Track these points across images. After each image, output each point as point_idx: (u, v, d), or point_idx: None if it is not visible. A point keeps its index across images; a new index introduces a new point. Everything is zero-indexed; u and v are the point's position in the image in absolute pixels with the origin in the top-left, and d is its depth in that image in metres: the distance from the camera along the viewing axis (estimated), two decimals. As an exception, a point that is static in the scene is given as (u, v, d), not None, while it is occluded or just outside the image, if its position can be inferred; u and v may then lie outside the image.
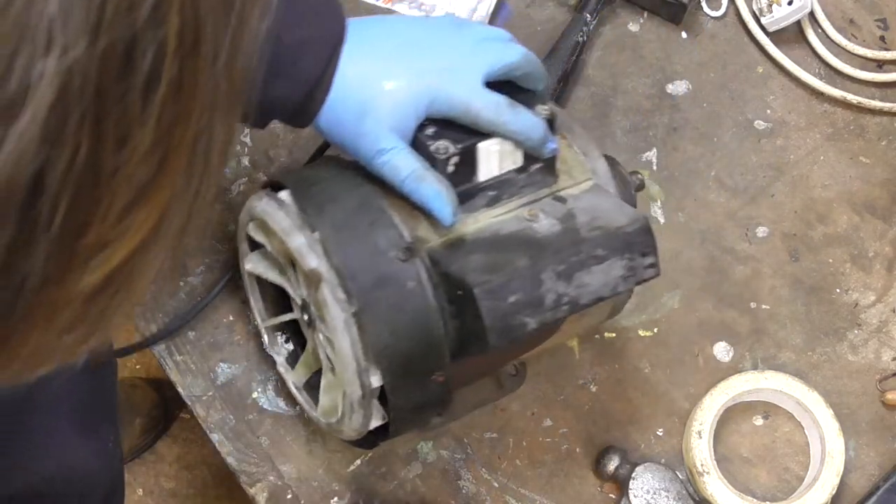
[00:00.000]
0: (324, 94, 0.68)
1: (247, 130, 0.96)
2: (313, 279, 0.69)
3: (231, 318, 0.89)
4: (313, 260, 0.69)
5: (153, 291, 0.91)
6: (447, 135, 0.70)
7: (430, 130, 0.70)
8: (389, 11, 1.00)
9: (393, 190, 0.71)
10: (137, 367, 1.54)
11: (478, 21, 0.73)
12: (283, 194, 0.73)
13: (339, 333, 0.69)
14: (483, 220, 0.72)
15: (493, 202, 0.72)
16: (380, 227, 0.70)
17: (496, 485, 0.86)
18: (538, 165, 0.73)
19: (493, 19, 1.00)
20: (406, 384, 0.71)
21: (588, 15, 0.97)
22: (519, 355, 0.79)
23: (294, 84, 0.68)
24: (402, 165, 0.68)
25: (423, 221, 0.71)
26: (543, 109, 0.73)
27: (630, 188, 0.80)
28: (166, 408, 1.48)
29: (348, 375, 0.70)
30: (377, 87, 0.68)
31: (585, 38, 0.97)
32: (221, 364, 0.88)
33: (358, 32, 0.69)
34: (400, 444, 0.86)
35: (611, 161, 0.79)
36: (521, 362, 0.87)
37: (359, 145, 0.69)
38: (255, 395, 0.88)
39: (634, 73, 0.99)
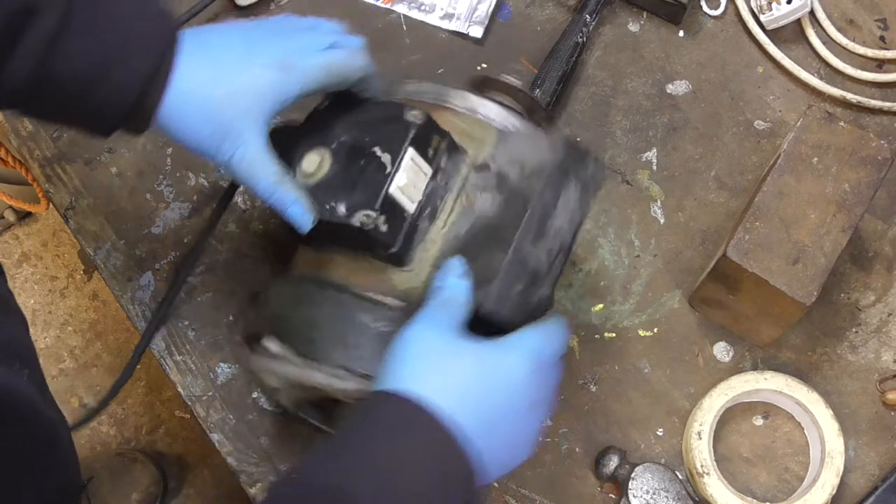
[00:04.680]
0: (158, 95, 0.66)
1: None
2: (350, 396, 0.69)
3: (231, 318, 0.89)
4: (338, 384, 0.69)
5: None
6: (356, 203, 0.68)
7: (341, 209, 0.68)
8: (390, 12, 1.00)
9: (355, 269, 0.71)
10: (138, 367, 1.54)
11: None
12: (271, 344, 0.73)
13: None
14: (438, 238, 0.71)
15: (432, 216, 0.72)
16: (365, 313, 0.69)
17: (496, 485, 0.86)
18: (444, 157, 0.72)
19: (493, 19, 1.00)
20: None
21: (588, 15, 0.98)
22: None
23: (122, 87, 0.65)
24: (260, 171, 0.67)
25: (394, 275, 0.71)
26: None
27: (537, 106, 0.80)
28: (165, 484, 1.44)
29: None
30: (229, 87, 0.67)
31: (585, 38, 0.97)
32: (221, 364, 0.88)
33: (198, 38, 0.68)
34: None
35: (488, 91, 0.79)
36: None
37: (216, 149, 0.67)
38: (255, 395, 0.88)
39: (634, 73, 0.99)
